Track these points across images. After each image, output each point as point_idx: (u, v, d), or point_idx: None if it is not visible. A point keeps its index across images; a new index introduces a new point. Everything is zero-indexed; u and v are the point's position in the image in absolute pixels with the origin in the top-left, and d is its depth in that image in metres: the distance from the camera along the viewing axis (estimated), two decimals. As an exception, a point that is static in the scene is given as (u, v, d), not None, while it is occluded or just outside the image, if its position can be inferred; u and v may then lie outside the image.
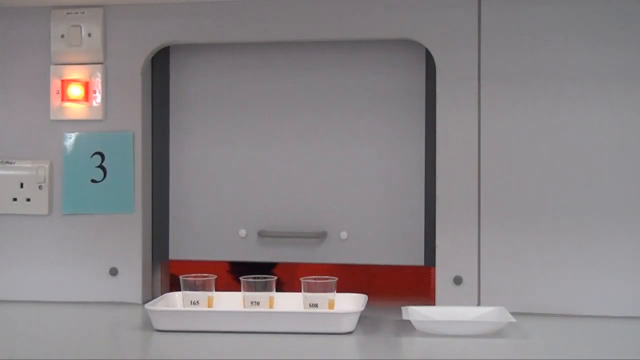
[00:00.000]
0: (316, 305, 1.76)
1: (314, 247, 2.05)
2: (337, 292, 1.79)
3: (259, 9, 1.99)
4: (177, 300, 1.85)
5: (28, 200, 2.05)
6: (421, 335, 1.69)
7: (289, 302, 1.83)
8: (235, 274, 2.97)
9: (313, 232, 2.04)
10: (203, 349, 1.64)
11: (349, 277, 2.52)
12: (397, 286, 2.37)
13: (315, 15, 1.98)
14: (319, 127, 2.05)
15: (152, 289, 2.08)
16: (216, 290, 1.82)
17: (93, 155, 2.04)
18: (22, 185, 2.05)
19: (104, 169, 2.03)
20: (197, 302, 1.79)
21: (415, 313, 1.76)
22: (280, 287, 1.91)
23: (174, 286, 2.06)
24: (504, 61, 1.91)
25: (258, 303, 1.78)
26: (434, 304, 1.93)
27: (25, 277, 2.06)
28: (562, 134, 1.90)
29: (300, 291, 1.78)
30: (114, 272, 2.03)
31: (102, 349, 1.68)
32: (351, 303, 1.82)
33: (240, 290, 1.80)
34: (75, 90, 2.04)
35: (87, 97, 2.04)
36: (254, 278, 1.80)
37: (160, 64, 2.08)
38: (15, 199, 2.05)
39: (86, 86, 2.04)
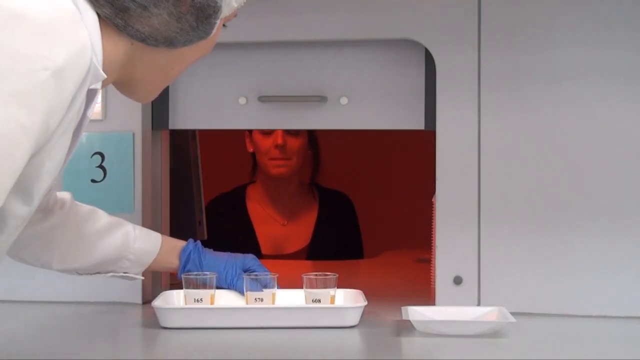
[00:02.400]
0: (319, 301, 1.77)
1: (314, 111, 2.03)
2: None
3: (259, 8, 1.99)
4: (175, 298, 1.85)
5: (28, 200, 2.04)
6: (421, 335, 1.69)
7: (291, 298, 1.84)
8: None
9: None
10: (209, 346, 1.64)
11: (348, 276, 2.51)
12: (397, 286, 2.37)
13: (315, 15, 1.98)
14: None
15: (152, 289, 2.08)
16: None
17: (93, 155, 2.04)
18: (22, 185, 2.05)
19: (104, 169, 2.03)
20: (201, 299, 1.79)
21: (415, 313, 1.76)
22: None
23: (175, 286, 2.06)
24: (504, 61, 1.91)
25: (262, 299, 1.78)
26: (434, 304, 1.93)
27: (25, 277, 2.05)
28: (562, 134, 1.89)
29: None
30: (114, 272, 2.03)
31: (103, 349, 1.68)
32: (349, 298, 1.84)
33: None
34: (76, 90, 2.03)
35: (87, 97, 2.03)
36: (256, 276, 1.81)
37: (160, 64, 2.07)
38: (15, 199, 2.05)
39: (86, 86, 2.03)
